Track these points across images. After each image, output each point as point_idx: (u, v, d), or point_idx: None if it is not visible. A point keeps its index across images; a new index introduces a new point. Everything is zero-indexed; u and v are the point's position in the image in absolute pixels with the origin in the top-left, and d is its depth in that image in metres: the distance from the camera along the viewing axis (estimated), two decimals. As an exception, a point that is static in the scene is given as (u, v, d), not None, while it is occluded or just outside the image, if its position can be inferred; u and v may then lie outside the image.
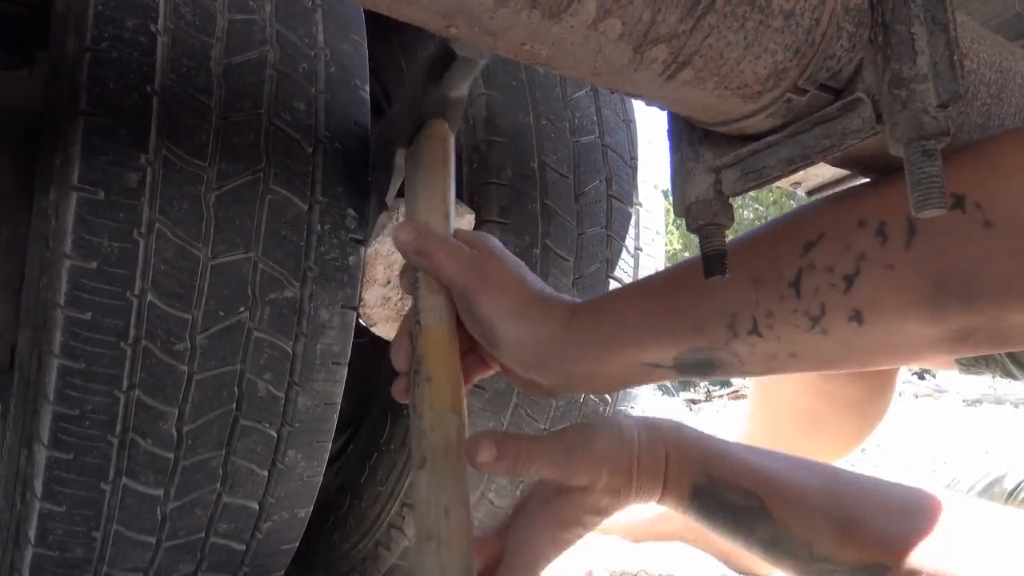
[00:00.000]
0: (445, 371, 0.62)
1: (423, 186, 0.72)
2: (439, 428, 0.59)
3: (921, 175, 0.44)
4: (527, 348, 0.63)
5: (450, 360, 0.63)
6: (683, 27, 0.44)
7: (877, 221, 0.52)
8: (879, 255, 0.52)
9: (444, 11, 0.42)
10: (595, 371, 0.63)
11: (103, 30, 0.83)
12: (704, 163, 0.56)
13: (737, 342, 0.57)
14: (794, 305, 0.54)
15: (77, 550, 0.89)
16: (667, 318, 0.60)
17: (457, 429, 0.60)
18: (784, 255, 0.56)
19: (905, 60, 0.46)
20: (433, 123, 0.75)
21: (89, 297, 0.81)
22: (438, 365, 0.62)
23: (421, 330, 0.64)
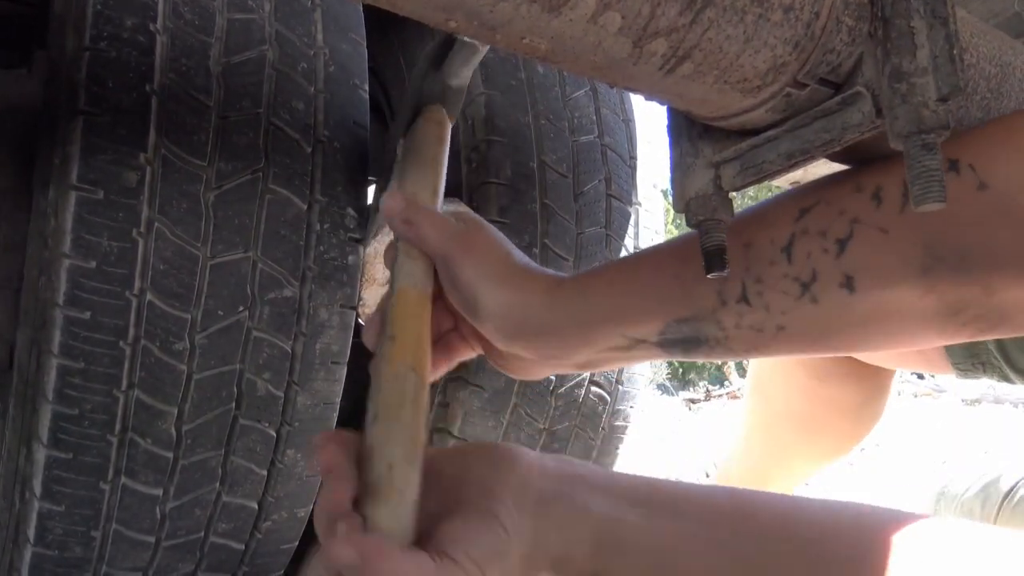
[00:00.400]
0: (410, 331, 0.61)
1: (413, 162, 0.73)
2: (395, 384, 0.58)
3: (921, 169, 0.44)
4: (510, 317, 0.62)
5: (417, 322, 0.62)
6: (682, 21, 0.44)
7: (873, 185, 0.52)
8: (873, 218, 0.51)
9: (444, 5, 0.42)
10: (578, 344, 0.61)
11: (102, 29, 0.83)
12: (703, 158, 0.56)
13: (724, 312, 0.56)
14: (784, 270, 0.53)
15: (76, 549, 0.89)
16: (653, 285, 0.58)
17: (414, 387, 0.58)
18: (778, 220, 0.55)
19: (905, 54, 0.46)
20: (431, 108, 0.76)
21: (88, 296, 0.81)
22: (404, 324, 0.62)
23: (393, 293, 0.64)
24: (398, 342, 0.60)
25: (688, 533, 0.52)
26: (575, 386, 1.19)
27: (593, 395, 1.21)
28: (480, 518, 0.53)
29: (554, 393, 1.17)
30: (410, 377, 0.58)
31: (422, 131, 0.75)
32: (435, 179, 0.71)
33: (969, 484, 1.33)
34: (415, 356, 0.60)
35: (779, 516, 0.52)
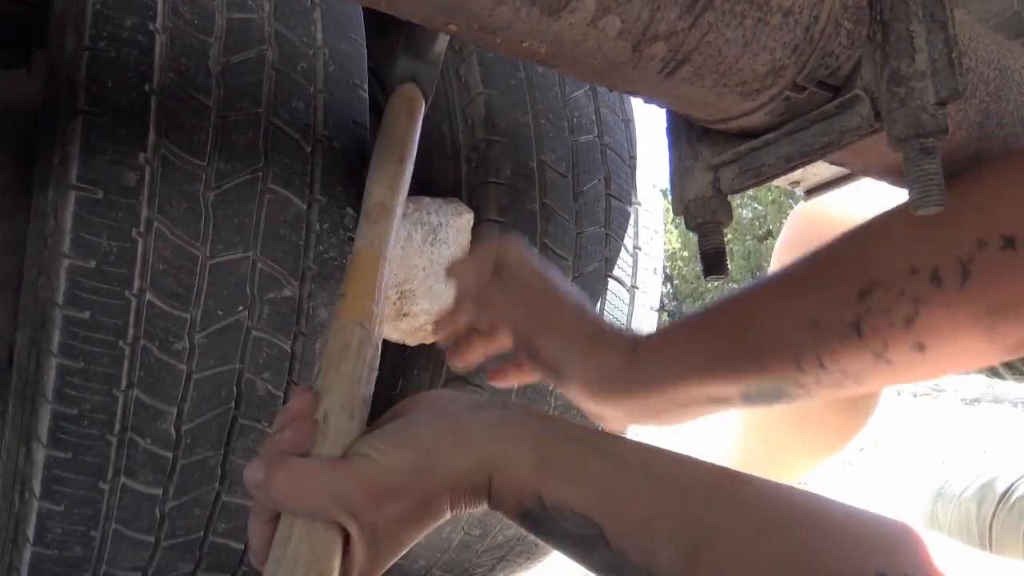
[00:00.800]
0: (361, 287, 0.62)
1: (382, 137, 0.75)
2: (340, 336, 0.58)
3: (920, 172, 0.45)
4: (593, 384, 0.65)
5: (367, 280, 0.63)
6: (682, 24, 0.44)
7: (930, 267, 0.54)
8: (936, 298, 0.54)
9: (444, 8, 0.42)
10: (660, 405, 0.64)
11: (101, 29, 0.83)
12: (703, 161, 0.57)
13: (803, 376, 0.59)
14: (856, 343, 0.56)
15: (76, 549, 0.89)
16: (731, 359, 0.61)
17: (358, 340, 0.58)
18: (839, 303, 0.57)
19: (904, 57, 0.46)
20: (403, 86, 0.78)
21: (88, 296, 0.81)
22: (353, 281, 0.63)
23: (352, 254, 0.66)
24: (347, 298, 0.62)
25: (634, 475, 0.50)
26: (574, 386, 1.19)
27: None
28: (392, 423, 0.53)
29: (553, 392, 1.17)
30: (355, 331, 0.59)
31: (393, 107, 0.77)
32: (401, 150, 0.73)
33: (967, 484, 1.33)
34: (362, 311, 0.60)
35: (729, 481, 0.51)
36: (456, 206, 1.11)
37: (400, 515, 0.49)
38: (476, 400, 0.55)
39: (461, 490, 0.51)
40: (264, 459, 0.51)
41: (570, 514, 0.49)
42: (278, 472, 0.49)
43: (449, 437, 0.51)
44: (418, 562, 1.26)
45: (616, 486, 0.49)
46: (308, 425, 0.52)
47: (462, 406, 0.53)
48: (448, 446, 0.50)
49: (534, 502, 0.50)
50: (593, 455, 0.51)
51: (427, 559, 1.25)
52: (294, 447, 0.51)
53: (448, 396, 0.56)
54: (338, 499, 0.48)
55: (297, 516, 0.49)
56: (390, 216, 0.71)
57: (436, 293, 1.09)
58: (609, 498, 0.49)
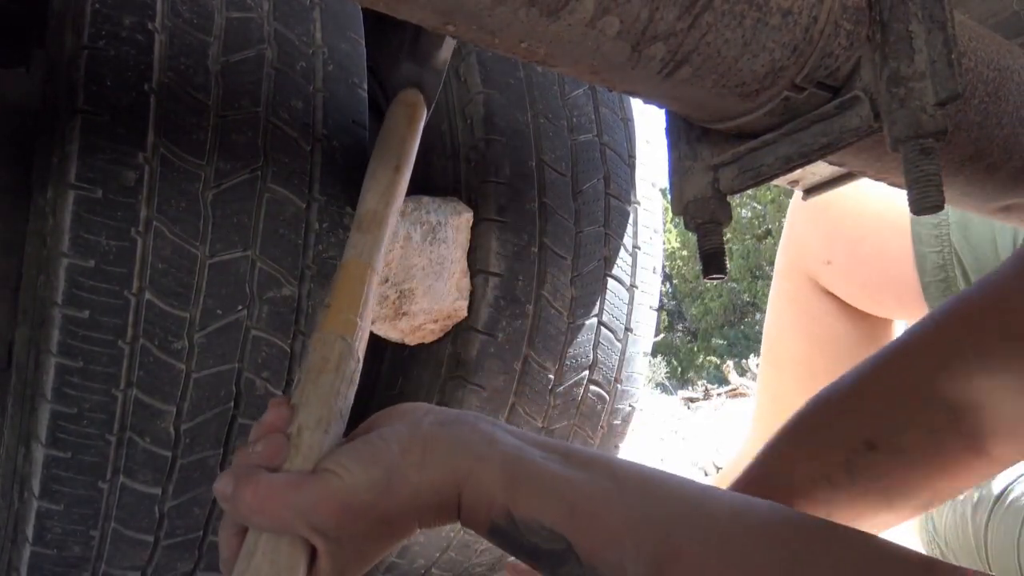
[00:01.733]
0: (347, 300, 0.62)
1: (380, 143, 0.74)
2: (320, 349, 0.58)
3: (919, 174, 0.45)
4: None
5: (353, 292, 0.63)
6: (681, 25, 0.44)
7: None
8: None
9: (442, 9, 0.42)
10: None
11: (100, 28, 0.82)
12: (702, 161, 0.57)
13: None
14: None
15: (75, 548, 0.89)
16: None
17: (339, 354, 0.58)
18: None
19: (903, 58, 0.46)
20: (405, 91, 0.77)
21: (87, 296, 0.81)
22: (341, 293, 0.62)
23: (340, 264, 0.65)
24: (331, 310, 0.61)
25: (602, 488, 0.50)
26: (574, 385, 1.19)
27: (592, 394, 1.21)
28: (361, 438, 0.53)
29: (553, 392, 1.17)
30: (336, 344, 0.58)
31: (394, 113, 0.76)
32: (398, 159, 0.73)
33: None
34: (345, 324, 0.60)
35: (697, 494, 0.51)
36: (455, 205, 1.11)
37: (366, 531, 0.50)
38: (449, 414, 0.54)
39: (429, 507, 0.51)
40: (234, 472, 0.51)
41: (539, 529, 0.49)
42: (245, 487, 0.49)
43: (417, 453, 0.51)
44: (417, 561, 1.26)
45: (585, 501, 0.49)
46: (279, 439, 0.52)
47: (434, 420, 0.53)
48: (416, 463, 0.50)
49: (503, 517, 0.50)
50: (563, 470, 0.51)
51: (426, 558, 1.25)
52: (265, 461, 0.51)
53: (422, 410, 0.55)
54: (303, 515, 0.48)
55: (263, 531, 0.49)
56: (382, 226, 0.70)
57: (435, 292, 1.09)
58: (578, 513, 0.49)
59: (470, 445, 0.51)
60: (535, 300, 1.13)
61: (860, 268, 1.18)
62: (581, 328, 1.17)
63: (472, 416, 0.54)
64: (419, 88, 0.77)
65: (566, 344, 1.16)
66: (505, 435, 0.53)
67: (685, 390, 7.69)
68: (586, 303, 1.17)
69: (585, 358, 1.19)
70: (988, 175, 0.61)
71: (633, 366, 1.26)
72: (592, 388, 1.21)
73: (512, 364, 1.13)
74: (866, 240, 1.16)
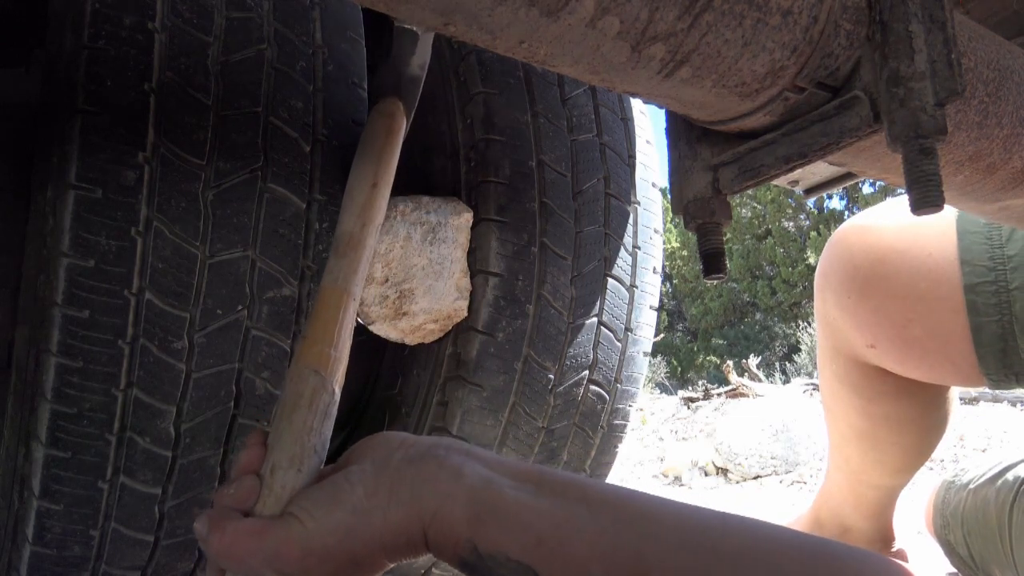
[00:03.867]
0: (321, 330, 0.61)
1: (358, 157, 0.73)
2: (293, 383, 0.58)
3: (919, 174, 0.45)
4: None
5: (329, 322, 0.62)
6: (681, 25, 0.44)
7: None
8: None
9: (442, 9, 0.42)
10: None
11: (100, 27, 0.82)
12: (702, 161, 0.57)
13: None
14: None
15: (75, 548, 0.89)
16: None
17: (311, 390, 0.57)
18: None
19: (903, 58, 0.46)
20: (384, 100, 0.76)
21: (87, 295, 0.81)
22: (316, 324, 0.61)
23: (318, 291, 0.64)
24: (307, 341, 0.60)
25: (572, 514, 0.50)
26: (574, 385, 1.19)
27: (592, 394, 1.21)
28: (327, 480, 0.53)
29: (553, 392, 1.17)
30: (309, 379, 0.58)
31: (372, 124, 0.75)
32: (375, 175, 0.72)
33: (984, 472, 1.33)
34: (320, 357, 0.59)
35: (672, 513, 0.51)
36: (455, 205, 1.11)
37: (333, 572, 0.51)
38: (420, 447, 0.55)
39: (396, 546, 0.52)
40: (209, 515, 0.53)
41: (505, 561, 0.50)
42: (215, 531, 0.51)
43: (383, 496, 0.52)
44: (416, 561, 1.26)
45: (551, 529, 0.50)
46: (251, 481, 0.54)
47: (403, 457, 0.54)
48: (381, 505, 0.51)
49: (470, 553, 0.50)
50: (533, 499, 0.51)
51: (426, 558, 1.25)
52: (237, 504, 0.53)
53: (395, 443, 0.56)
54: (268, 562, 0.50)
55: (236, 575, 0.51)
56: (359, 248, 0.68)
57: (435, 292, 1.09)
58: (544, 542, 0.49)
59: (436, 483, 0.52)
60: (535, 300, 1.13)
61: (910, 350, 1.13)
62: (581, 328, 1.17)
63: (444, 448, 0.54)
64: (398, 97, 0.75)
65: (566, 344, 1.16)
66: (475, 466, 0.53)
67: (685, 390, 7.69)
68: (586, 303, 1.17)
69: (585, 358, 1.19)
70: (988, 175, 0.61)
71: (633, 366, 1.26)
72: (592, 388, 1.21)
73: (512, 364, 1.13)
74: (914, 322, 1.10)
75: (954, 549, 1.36)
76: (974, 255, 1.04)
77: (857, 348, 1.19)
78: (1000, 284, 1.02)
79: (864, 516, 1.38)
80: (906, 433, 1.26)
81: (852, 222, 1.22)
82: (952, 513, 1.35)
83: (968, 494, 1.33)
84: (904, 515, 1.45)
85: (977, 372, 1.07)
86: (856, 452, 1.31)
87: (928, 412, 1.25)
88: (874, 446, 1.28)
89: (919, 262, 1.08)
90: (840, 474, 1.38)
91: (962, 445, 3.75)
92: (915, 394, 1.21)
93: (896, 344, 1.13)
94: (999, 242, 1.04)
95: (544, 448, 1.21)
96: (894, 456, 1.28)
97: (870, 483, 1.34)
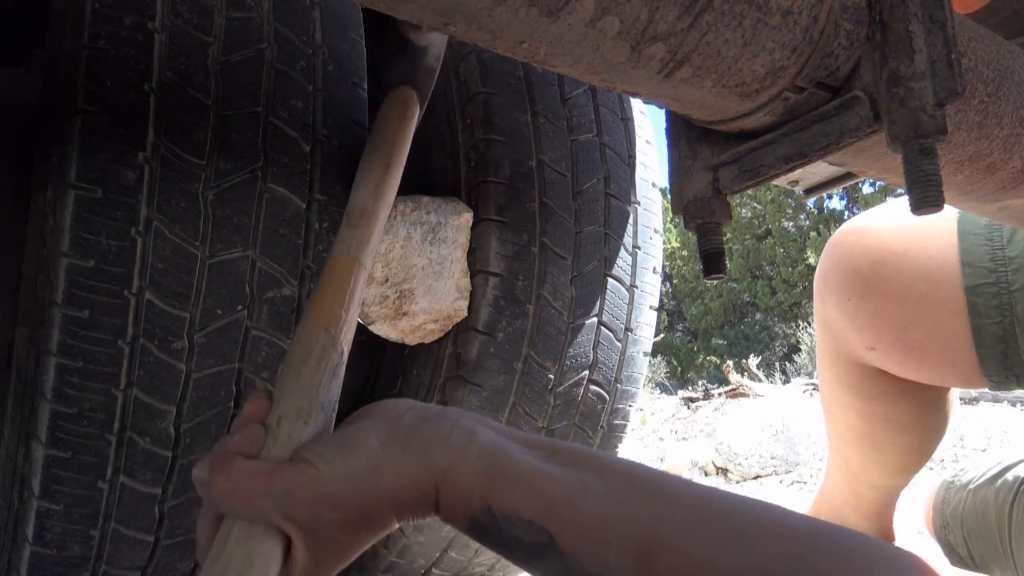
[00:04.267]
0: (332, 293, 0.62)
1: (372, 139, 0.74)
2: (303, 340, 0.58)
3: (919, 173, 0.45)
4: None
5: (340, 286, 0.63)
6: (681, 25, 0.44)
7: None
8: None
9: (442, 9, 0.42)
10: None
11: (100, 27, 0.82)
12: (702, 161, 0.57)
13: None
14: None
15: (75, 548, 0.89)
16: None
17: (322, 346, 0.58)
18: None
19: (903, 58, 0.46)
20: (399, 88, 0.77)
21: (87, 295, 0.81)
22: (327, 287, 0.62)
23: (328, 259, 0.65)
24: (316, 302, 0.61)
25: (586, 482, 0.49)
26: (574, 385, 1.19)
27: (592, 394, 1.21)
28: (340, 430, 0.53)
29: (553, 392, 1.17)
30: (320, 336, 0.58)
31: (386, 109, 0.76)
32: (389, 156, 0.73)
33: (984, 471, 1.33)
34: (330, 317, 0.60)
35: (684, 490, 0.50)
36: (455, 205, 1.11)
37: (342, 523, 0.49)
38: (432, 410, 0.54)
39: (407, 500, 0.50)
40: (210, 458, 0.51)
41: (519, 521, 0.49)
42: (219, 472, 0.49)
43: (396, 447, 0.50)
44: (417, 561, 1.26)
45: (566, 493, 0.49)
46: (256, 429, 0.52)
47: (416, 416, 0.53)
48: (394, 456, 0.50)
49: (483, 512, 0.49)
50: (545, 465, 0.50)
51: (426, 558, 1.25)
52: (241, 449, 0.51)
53: (405, 405, 0.55)
54: (277, 504, 0.48)
55: (237, 518, 0.49)
56: (371, 221, 0.69)
57: (435, 292, 1.09)
58: (559, 504, 0.48)
59: (449, 440, 0.51)
60: (535, 300, 1.13)
61: (911, 352, 1.12)
62: (581, 328, 1.17)
63: (454, 412, 0.54)
64: (412, 86, 0.76)
65: (566, 344, 1.16)
66: (486, 430, 0.52)
67: (685, 390, 7.69)
68: (586, 303, 1.17)
69: (585, 358, 1.19)
70: (988, 175, 0.61)
71: (633, 366, 1.26)
72: (592, 388, 1.21)
73: (512, 364, 1.13)
74: (914, 324, 1.10)
75: (954, 549, 1.36)
76: (975, 257, 1.04)
77: (857, 350, 1.19)
78: (1001, 286, 1.02)
79: (864, 516, 1.38)
80: (906, 434, 1.26)
81: (852, 224, 1.22)
82: (952, 513, 1.35)
83: (968, 494, 1.33)
84: (904, 515, 1.45)
85: (978, 373, 1.07)
86: (856, 453, 1.31)
87: (928, 413, 1.25)
88: (874, 447, 1.28)
89: (919, 264, 1.08)
90: (840, 475, 1.38)
91: (962, 445, 3.75)
92: (915, 396, 1.21)
93: (896, 346, 1.12)
94: (1000, 243, 1.04)
95: (544, 448, 1.21)
96: (894, 457, 1.28)
97: (870, 484, 1.33)
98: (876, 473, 1.32)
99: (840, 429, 1.33)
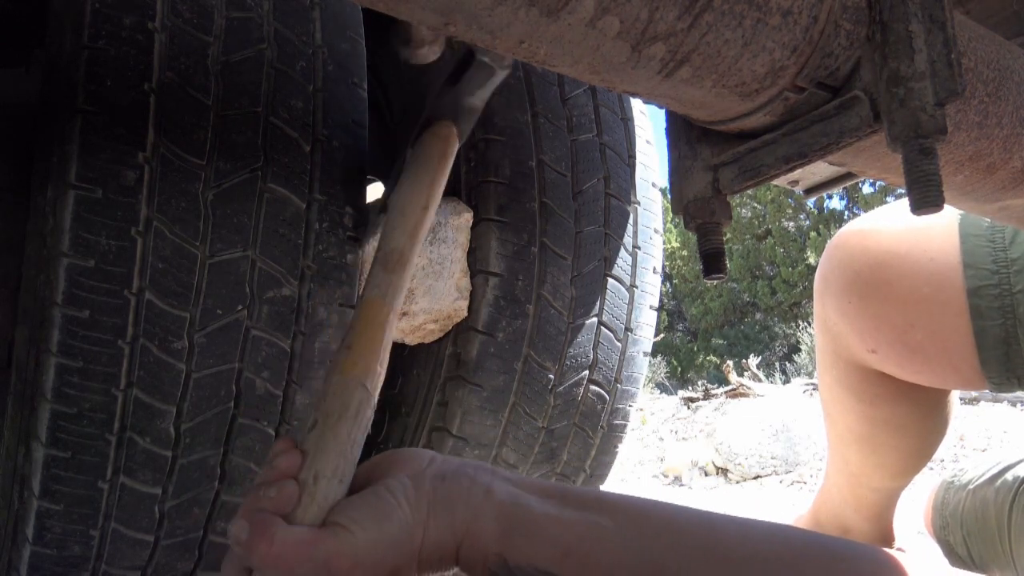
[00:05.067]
0: (367, 344, 0.61)
1: (410, 177, 0.73)
2: (340, 394, 0.58)
3: (919, 174, 0.45)
4: None
5: (376, 335, 0.62)
6: (681, 25, 0.44)
7: None
8: None
9: (442, 9, 0.42)
10: None
11: (100, 28, 0.82)
12: (702, 161, 0.57)
13: None
14: None
15: (75, 548, 0.89)
16: None
17: (359, 403, 0.58)
18: None
19: (903, 58, 0.46)
20: (440, 123, 0.76)
21: (87, 295, 0.81)
22: (362, 336, 0.61)
23: (361, 302, 0.64)
24: (352, 353, 0.60)
25: (597, 526, 0.53)
26: (574, 385, 1.19)
27: (592, 394, 1.21)
28: (370, 491, 0.55)
29: (553, 392, 1.17)
30: (357, 392, 0.58)
31: (426, 146, 0.75)
32: (426, 196, 0.72)
33: (983, 472, 1.32)
34: (366, 371, 0.59)
35: (694, 523, 0.54)
36: (455, 205, 1.11)
37: None
38: (449, 466, 0.57)
39: (430, 560, 0.54)
40: (247, 518, 0.52)
41: (534, 572, 0.52)
42: (261, 538, 0.51)
43: (424, 511, 0.54)
44: None
45: (577, 541, 0.52)
46: (292, 487, 0.54)
47: (436, 473, 0.56)
48: (422, 520, 0.54)
49: (499, 565, 0.53)
50: (559, 512, 0.54)
51: None
52: (277, 508, 0.53)
53: (424, 459, 0.57)
54: (316, 572, 0.50)
55: None
56: (406, 266, 0.68)
57: (435, 292, 1.09)
58: (571, 554, 0.52)
59: (468, 500, 0.55)
60: (535, 300, 1.13)
61: (912, 355, 1.11)
62: (581, 328, 1.17)
63: (471, 467, 0.57)
64: (454, 122, 0.75)
65: (566, 344, 1.16)
66: (503, 484, 0.56)
67: (685, 390, 7.68)
68: (586, 303, 1.17)
69: (585, 358, 1.19)
70: (988, 175, 0.61)
71: (633, 366, 1.26)
72: (592, 388, 1.21)
73: (512, 364, 1.13)
74: (915, 327, 1.09)
75: (954, 550, 1.36)
76: (977, 258, 1.04)
77: (857, 353, 1.19)
78: (1004, 287, 1.02)
79: (864, 517, 1.38)
80: (906, 437, 1.25)
81: (852, 226, 1.22)
82: (952, 514, 1.35)
83: (967, 494, 1.32)
84: (904, 515, 1.45)
85: (979, 375, 1.07)
86: (856, 456, 1.31)
87: (928, 415, 1.25)
88: (874, 450, 1.27)
89: (920, 266, 1.08)
90: (840, 476, 1.38)
91: (962, 445, 3.75)
92: (915, 398, 1.21)
93: (897, 349, 1.12)
94: (1002, 245, 1.04)
95: (544, 448, 1.21)
96: (894, 459, 1.28)
97: (870, 485, 1.33)
98: (876, 475, 1.32)
99: (840, 431, 1.33)
